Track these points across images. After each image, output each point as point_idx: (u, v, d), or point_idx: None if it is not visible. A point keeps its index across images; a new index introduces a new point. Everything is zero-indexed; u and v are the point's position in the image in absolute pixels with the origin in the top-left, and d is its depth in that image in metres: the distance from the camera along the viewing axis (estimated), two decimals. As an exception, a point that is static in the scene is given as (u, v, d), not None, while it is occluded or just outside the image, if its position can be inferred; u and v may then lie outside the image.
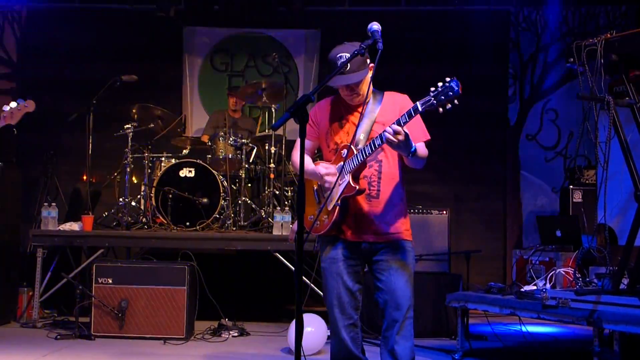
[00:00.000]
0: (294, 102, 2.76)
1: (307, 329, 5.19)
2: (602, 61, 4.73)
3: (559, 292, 4.82)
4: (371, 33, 3.21)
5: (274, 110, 7.49)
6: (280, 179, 7.14)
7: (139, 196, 7.11)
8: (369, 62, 3.40)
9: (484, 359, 5.29)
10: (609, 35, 4.82)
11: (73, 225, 6.72)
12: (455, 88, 3.04)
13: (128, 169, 7.05)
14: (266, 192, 7.10)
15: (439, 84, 3.08)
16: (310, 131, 3.60)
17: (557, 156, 8.62)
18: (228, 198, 6.84)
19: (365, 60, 3.35)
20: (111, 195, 7.54)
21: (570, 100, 8.34)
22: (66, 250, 6.95)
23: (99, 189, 7.77)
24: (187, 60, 8.81)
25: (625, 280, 4.64)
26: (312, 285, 5.54)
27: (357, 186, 3.37)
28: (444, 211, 6.77)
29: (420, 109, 3.12)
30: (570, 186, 7.67)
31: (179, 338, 5.81)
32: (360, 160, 3.34)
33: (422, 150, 3.41)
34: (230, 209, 6.83)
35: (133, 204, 7.04)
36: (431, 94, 3.09)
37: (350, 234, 3.46)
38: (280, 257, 6.38)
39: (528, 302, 4.78)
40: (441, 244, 6.66)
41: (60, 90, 8.50)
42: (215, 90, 8.76)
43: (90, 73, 8.28)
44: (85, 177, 7.23)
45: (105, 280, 5.91)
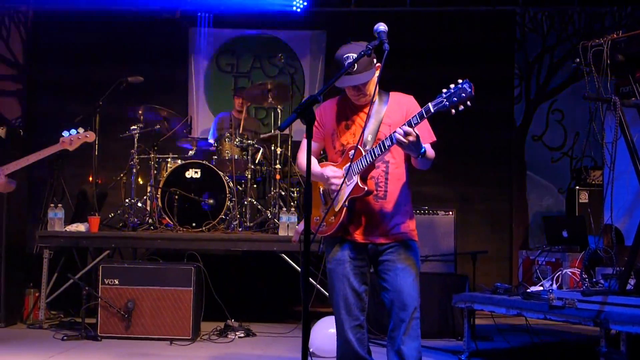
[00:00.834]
0: (300, 103, 2.76)
1: (330, 331, 5.12)
2: (609, 61, 4.73)
3: (566, 293, 4.81)
4: (377, 34, 3.21)
5: (279, 111, 7.49)
6: (286, 179, 7.14)
7: (145, 197, 7.12)
8: (375, 62, 3.39)
9: (490, 360, 5.30)
10: (615, 35, 4.81)
11: (79, 226, 6.73)
12: (468, 89, 3.02)
13: (134, 170, 7.06)
14: (272, 193, 7.10)
15: (451, 86, 3.06)
16: (315, 132, 3.58)
17: (563, 157, 8.60)
18: (234, 199, 6.85)
19: (372, 60, 3.35)
20: (117, 196, 7.55)
21: (576, 100, 8.31)
22: (72, 251, 6.96)
23: (105, 190, 7.79)
24: (193, 62, 8.82)
25: (632, 281, 4.62)
26: (318, 286, 5.54)
27: (366, 187, 3.36)
28: (450, 212, 6.76)
29: (432, 111, 3.10)
30: (577, 187, 7.65)
31: (185, 339, 5.82)
32: (369, 161, 3.33)
33: (430, 151, 3.40)
34: (236, 209, 6.84)
35: (139, 205, 7.05)
36: (443, 95, 3.07)
37: (358, 235, 3.46)
38: (286, 258, 6.38)
39: (534, 303, 4.77)
40: (447, 245, 6.66)
41: (66, 91, 8.54)
42: (221, 91, 8.78)
43: (96, 74, 8.30)
44: (91, 178, 7.25)
45: (111, 281, 5.92)
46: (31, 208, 7.25)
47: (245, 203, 6.98)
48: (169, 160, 7.11)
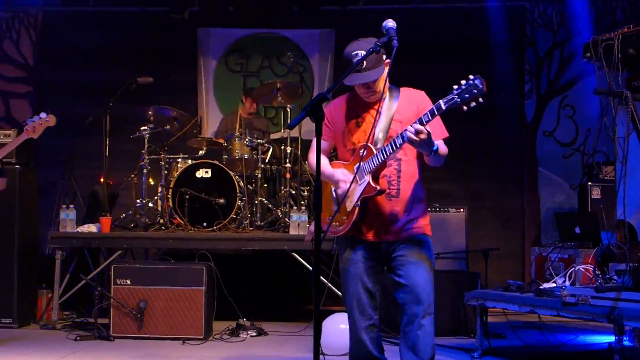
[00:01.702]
0: (309, 101, 2.74)
1: (342, 327, 5.10)
2: (620, 56, 4.69)
3: (579, 289, 4.78)
4: (386, 30, 3.18)
5: (289, 110, 7.49)
6: (296, 178, 7.14)
7: (156, 197, 7.13)
8: (385, 59, 3.35)
9: (503, 358, 5.25)
10: (626, 29, 4.78)
11: (91, 227, 6.75)
12: (480, 86, 2.98)
13: (145, 171, 7.07)
14: (282, 192, 7.10)
15: (462, 82, 3.03)
16: (325, 131, 3.55)
17: (575, 152, 8.55)
18: (244, 198, 6.85)
19: (381, 57, 3.31)
20: (128, 196, 7.58)
21: (587, 95, 8.25)
22: (84, 252, 6.98)
23: (116, 190, 7.80)
24: (202, 62, 8.84)
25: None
26: (330, 284, 5.53)
27: (378, 186, 3.32)
28: (462, 209, 6.74)
29: (443, 108, 3.07)
30: (589, 182, 7.59)
31: (197, 338, 5.82)
32: (381, 160, 3.28)
33: (443, 148, 3.36)
34: (246, 209, 6.84)
35: (150, 205, 7.06)
36: (455, 92, 3.04)
37: (371, 234, 3.44)
38: (297, 257, 6.37)
39: (547, 300, 4.75)
40: (459, 242, 6.64)
41: (76, 93, 8.56)
42: (231, 91, 8.78)
43: (106, 76, 8.34)
44: (102, 179, 7.27)
45: (123, 282, 5.93)
46: (43, 209, 7.27)
47: (256, 202, 6.98)
48: (180, 160, 7.12)
